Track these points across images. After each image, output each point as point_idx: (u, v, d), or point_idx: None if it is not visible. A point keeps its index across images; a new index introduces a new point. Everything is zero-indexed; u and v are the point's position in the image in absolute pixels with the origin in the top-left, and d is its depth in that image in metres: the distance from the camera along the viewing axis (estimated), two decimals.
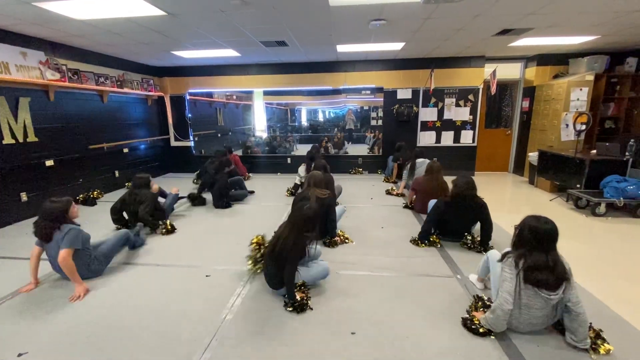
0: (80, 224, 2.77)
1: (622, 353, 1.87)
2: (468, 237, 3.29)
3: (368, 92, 7.03)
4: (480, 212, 3.18)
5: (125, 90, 6.01)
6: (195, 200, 4.95)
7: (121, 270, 2.95)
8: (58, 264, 2.51)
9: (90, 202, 5.01)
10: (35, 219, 2.61)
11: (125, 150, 6.22)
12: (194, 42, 4.97)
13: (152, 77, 6.92)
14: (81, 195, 5.06)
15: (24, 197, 4.33)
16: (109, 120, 5.78)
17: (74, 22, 3.84)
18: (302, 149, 8.40)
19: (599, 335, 1.94)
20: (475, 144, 6.91)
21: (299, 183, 5.21)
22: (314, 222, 2.42)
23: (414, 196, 4.50)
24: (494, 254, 2.32)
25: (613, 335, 1.97)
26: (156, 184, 4.19)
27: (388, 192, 5.46)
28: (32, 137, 4.41)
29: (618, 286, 2.62)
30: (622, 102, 5.89)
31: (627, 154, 4.62)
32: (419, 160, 5.28)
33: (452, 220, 3.32)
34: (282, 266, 2.31)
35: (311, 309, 2.33)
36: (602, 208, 4.28)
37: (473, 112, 6.75)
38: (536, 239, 1.91)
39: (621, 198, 4.16)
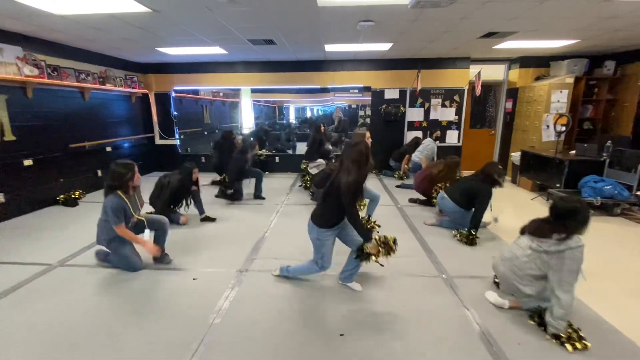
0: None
1: (597, 349, 1.95)
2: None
3: (356, 91, 7.06)
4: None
5: (108, 87, 5.84)
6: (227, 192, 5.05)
7: (102, 273, 2.88)
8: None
9: (71, 202, 4.87)
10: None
11: (108, 149, 6.06)
12: (179, 39, 4.86)
13: (136, 73, 6.75)
14: (62, 196, 4.91)
15: (0, 198, 4.17)
16: (90, 118, 5.61)
17: (53, 17, 3.70)
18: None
19: (577, 332, 2.02)
20: (460, 144, 7.04)
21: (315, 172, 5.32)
22: (368, 155, 2.32)
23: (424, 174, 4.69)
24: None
25: (588, 332, 2.06)
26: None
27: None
28: (9, 136, 4.24)
29: (592, 284, 2.72)
30: (600, 104, 6.11)
31: (604, 154, 4.80)
32: (425, 141, 5.87)
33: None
34: (331, 203, 2.33)
35: (396, 244, 2.39)
36: None
37: (458, 112, 6.87)
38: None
39: (598, 198, 4.32)
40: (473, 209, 3.56)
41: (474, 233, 3.43)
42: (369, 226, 3.46)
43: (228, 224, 4.12)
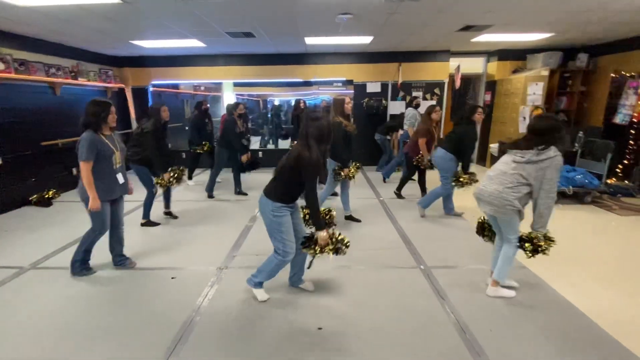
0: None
1: (565, 332, 2.04)
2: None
3: (339, 84, 7.05)
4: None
5: (81, 81, 5.62)
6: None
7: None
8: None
9: (45, 202, 4.70)
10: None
11: None
12: (154, 32, 4.71)
13: (110, 67, 6.52)
14: (35, 196, 4.73)
15: None
16: (63, 115, 5.40)
17: (18, 8, 3.51)
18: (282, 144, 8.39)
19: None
20: (442, 137, 7.14)
21: None
22: (329, 131, 2.20)
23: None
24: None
25: (556, 315, 2.15)
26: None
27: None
28: None
29: (564, 271, 2.84)
30: (574, 95, 6.29)
31: (576, 145, 4.98)
32: (406, 111, 5.87)
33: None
34: (286, 178, 2.20)
35: (347, 246, 2.29)
36: None
37: (439, 105, 6.94)
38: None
39: (570, 187, 4.49)
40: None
41: (465, 174, 3.72)
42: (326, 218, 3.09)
43: (209, 221, 4.07)
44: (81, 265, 2.78)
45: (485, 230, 2.61)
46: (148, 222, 3.89)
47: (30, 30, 4.51)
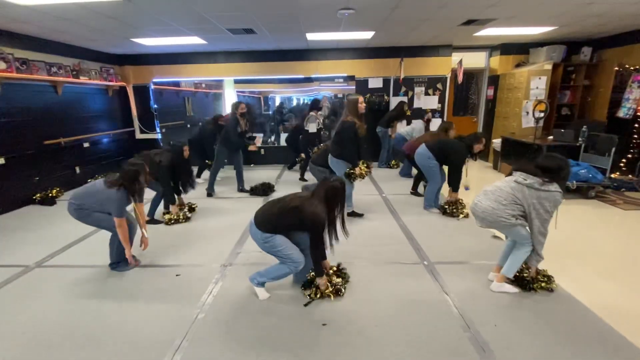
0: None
1: (569, 326, 2.04)
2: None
3: (341, 80, 7.01)
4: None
5: (82, 80, 5.62)
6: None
7: (81, 273, 2.83)
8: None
9: (49, 201, 4.73)
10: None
11: (86, 144, 5.87)
12: (155, 29, 4.70)
13: (112, 65, 6.51)
14: (38, 195, 4.75)
15: None
16: (65, 113, 5.41)
17: (18, 7, 3.51)
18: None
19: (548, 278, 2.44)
20: None
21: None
22: (342, 197, 2.22)
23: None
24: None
25: (560, 310, 2.15)
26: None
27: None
28: None
29: (568, 265, 2.83)
30: (577, 89, 6.24)
31: (580, 139, 4.94)
32: (415, 122, 5.96)
33: None
34: (285, 224, 2.23)
35: (347, 281, 2.50)
36: None
37: (441, 100, 6.92)
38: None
39: (574, 181, 4.46)
40: (444, 168, 4.00)
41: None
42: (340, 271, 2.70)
43: (212, 219, 4.08)
44: (118, 264, 2.87)
45: None
46: (152, 220, 3.90)
47: (31, 29, 4.51)
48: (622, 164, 5.30)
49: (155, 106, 7.10)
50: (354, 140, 3.58)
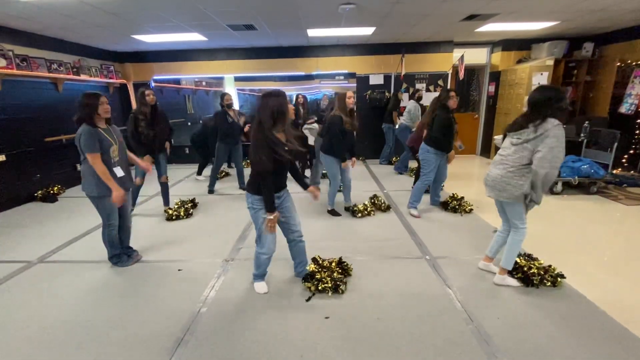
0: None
1: (573, 320, 2.04)
2: None
3: (342, 77, 6.99)
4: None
5: (83, 77, 5.62)
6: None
7: (83, 269, 2.83)
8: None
9: (50, 198, 4.73)
10: None
11: None
12: (155, 26, 4.69)
13: (112, 63, 6.50)
14: (40, 192, 4.76)
15: None
16: (66, 110, 5.39)
17: (18, 3, 3.50)
18: None
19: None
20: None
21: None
22: (282, 114, 2.06)
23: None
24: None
25: (564, 304, 2.15)
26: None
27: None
28: None
29: (570, 260, 2.83)
30: (579, 85, 6.22)
31: (582, 135, 4.93)
32: (408, 105, 5.81)
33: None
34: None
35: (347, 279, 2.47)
36: (559, 187, 4.57)
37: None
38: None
39: (576, 177, 4.45)
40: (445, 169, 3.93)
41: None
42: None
43: (214, 214, 4.08)
44: (117, 258, 2.85)
45: None
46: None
47: (31, 26, 4.50)
48: (624, 160, 5.28)
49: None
50: (340, 134, 3.55)
